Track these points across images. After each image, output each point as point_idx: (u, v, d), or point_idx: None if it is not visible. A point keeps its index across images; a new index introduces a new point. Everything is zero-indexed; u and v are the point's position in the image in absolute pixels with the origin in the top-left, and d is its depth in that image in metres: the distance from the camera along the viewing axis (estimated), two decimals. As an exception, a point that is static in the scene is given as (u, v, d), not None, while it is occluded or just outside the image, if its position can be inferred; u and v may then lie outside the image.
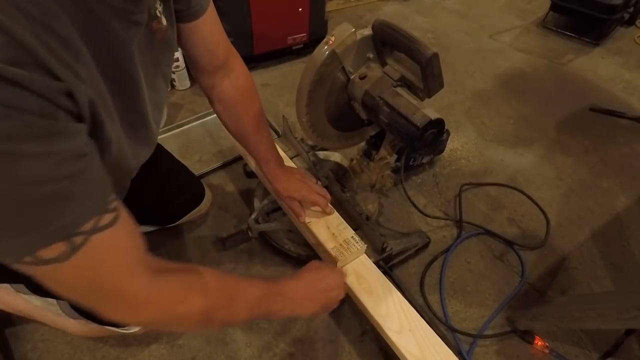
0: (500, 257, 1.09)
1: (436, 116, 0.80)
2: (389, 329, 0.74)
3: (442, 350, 0.72)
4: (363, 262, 0.85)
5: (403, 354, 0.71)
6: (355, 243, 0.84)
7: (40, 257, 0.35)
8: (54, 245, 0.35)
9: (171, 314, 0.47)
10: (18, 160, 0.30)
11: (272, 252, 1.05)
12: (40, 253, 0.35)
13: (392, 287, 0.80)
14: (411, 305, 0.79)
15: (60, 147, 0.33)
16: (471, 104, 1.65)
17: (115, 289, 0.42)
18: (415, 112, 0.80)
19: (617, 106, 1.65)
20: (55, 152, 0.33)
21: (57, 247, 0.35)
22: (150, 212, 0.95)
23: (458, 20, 2.31)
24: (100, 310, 0.43)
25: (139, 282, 0.43)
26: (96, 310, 0.43)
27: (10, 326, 0.88)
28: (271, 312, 0.60)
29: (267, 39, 1.65)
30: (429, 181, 1.30)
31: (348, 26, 0.83)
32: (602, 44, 2.12)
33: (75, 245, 0.36)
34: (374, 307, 0.77)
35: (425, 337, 0.73)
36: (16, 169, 0.31)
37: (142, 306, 0.45)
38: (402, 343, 0.72)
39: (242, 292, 0.55)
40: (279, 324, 0.91)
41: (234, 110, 0.77)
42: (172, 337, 0.88)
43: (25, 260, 0.35)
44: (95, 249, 0.38)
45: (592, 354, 0.91)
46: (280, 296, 0.61)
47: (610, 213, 1.24)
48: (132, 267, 0.43)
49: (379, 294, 0.79)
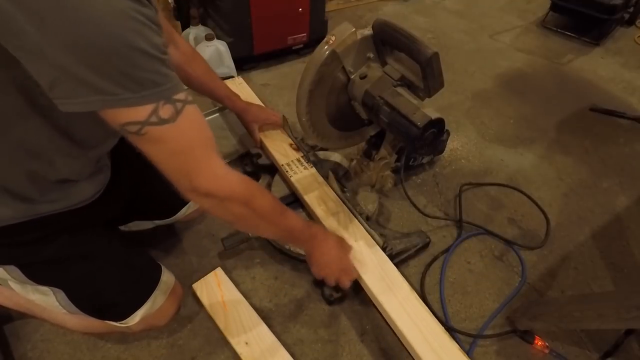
0: (500, 257, 1.09)
1: (437, 115, 0.80)
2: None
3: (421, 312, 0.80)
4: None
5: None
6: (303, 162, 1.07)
7: (160, 117, 0.48)
8: (167, 106, 0.49)
9: (241, 194, 0.61)
10: (149, 30, 0.45)
11: (272, 252, 1.05)
12: (160, 112, 0.48)
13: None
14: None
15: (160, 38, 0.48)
16: (471, 104, 1.65)
17: (203, 156, 0.56)
18: (416, 112, 0.80)
19: (617, 106, 1.65)
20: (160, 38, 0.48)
21: (168, 109, 0.49)
22: (148, 205, 0.96)
23: (458, 20, 2.31)
24: (193, 174, 0.55)
25: (219, 160, 0.58)
26: (189, 174, 0.55)
27: (10, 326, 0.88)
28: (297, 240, 0.81)
29: (267, 39, 1.65)
30: (429, 181, 1.30)
31: (348, 26, 0.83)
32: (602, 44, 2.12)
33: (178, 110, 0.50)
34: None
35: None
36: (149, 35, 0.45)
37: (222, 178, 0.59)
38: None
39: (289, 214, 0.73)
40: (279, 324, 0.91)
41: (188, 69, 0.94)
42: (173, 337, 0.88)
43: (152, 120, 0.48)
44: (189, 118, 0.52)
45: (592, 354, 0.91)
46: (312, 239, 0.79)
47: (610, 213, 1.24)
48: (213, 146, 0.57)
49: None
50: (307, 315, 0.93)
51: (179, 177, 0.56)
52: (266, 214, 0.67)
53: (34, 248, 0.68)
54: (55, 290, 0.73)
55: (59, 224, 0.68)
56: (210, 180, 0.57)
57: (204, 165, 0.56)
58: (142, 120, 0.48)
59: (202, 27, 1.60)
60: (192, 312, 0.92)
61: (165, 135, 0.50)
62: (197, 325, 0.90)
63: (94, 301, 0.77)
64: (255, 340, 0.85)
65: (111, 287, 0.77)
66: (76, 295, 0.75)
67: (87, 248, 0.74)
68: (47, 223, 0.66)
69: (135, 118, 0.47)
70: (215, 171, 0.58)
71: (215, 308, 0.90)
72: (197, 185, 0.56)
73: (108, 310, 0.78)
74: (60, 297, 0.74)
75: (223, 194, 0.59)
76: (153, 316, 0.81)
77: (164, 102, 0.48)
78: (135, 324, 0.79)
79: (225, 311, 0.89)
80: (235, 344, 0.84)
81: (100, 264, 0.75)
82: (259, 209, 0.65)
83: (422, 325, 0.77)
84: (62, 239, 0.70)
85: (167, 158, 0.53)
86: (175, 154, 0.53)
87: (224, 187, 0.59)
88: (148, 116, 0.48)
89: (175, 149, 0.52)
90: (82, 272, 0.74)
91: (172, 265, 0.99)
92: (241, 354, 0.82)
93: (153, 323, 0.84)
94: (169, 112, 0.49)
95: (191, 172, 0.55)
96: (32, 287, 0.73)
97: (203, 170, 0.56)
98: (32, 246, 0.68)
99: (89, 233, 0.75)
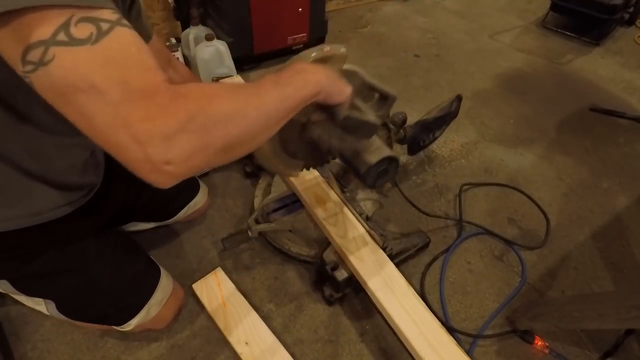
0: (500, 257, 1.09)
1: (378, 158, 0.68)
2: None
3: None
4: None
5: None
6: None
7: (72, 34, 0.35)
8: (84, 24, 0.35)
9: (204, 108, 0.39)
10: None
11: (272, 252, 1.05)
12: (73, 30, 0.35)
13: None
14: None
15: None
16: (471, 104, 1.65)
17: (143, 84, 0.37)
18: (358, 156, 0.70)
19: (617, 106, 1.65)
20: None
21: (85, 27, 0.35)
22: (148, 207, 0.95)
23: (458, 20, 2.31)
24: (132, 119, 0.36)
25: (164, 81, 0.39)
26: (127, 121, 0.36)
27: (10, 326, 0.88)
28: (297, 86, 0.49)
29: (267, 39, 1.65)
30: (429, 181, 1.30)
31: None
32: (602, 44, 2.12)
33: (102, 30, 0.36)
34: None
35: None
36: None
37: (173, 102, 0.37)
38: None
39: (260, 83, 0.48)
40: (279, 324, 0.91)
41: None
42: (173, 337, 0.88)
43: (59, 38, 0.34)
44: (121, 41, 0.37)
45: (592, 354, 0.91)
46: (304, 71, 0.52)
47: (610, 213, 1.24)
48: (156, 68, 0.39)
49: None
50: (307, 315, 0.93)
51: (118, 140, 0.36)
52: (241, 101, 0.43)
53: (20, 263, 0.66)
54: (47, 301, 0.73)
55: (47, 237, 0.66)
56: (166, 111, 0.37)
57: (148, 95, 0.37)
58: (45, 39, 0.34)
59: (202, 27, 1.60)
60: (192, 312, 0.92)
61: (79, 63, 0.35)
62: (197, 325, 0.90)
63: (86, 312, 0.77)
64: (255, 340, 0.85)
65: (101, 300, 0.76)
66: (67, 307, 0.75)
67: (76, 261, 0.72)
68: (33, 236, 0.63)
69: (37, 36, 0.34)
70: (165, 96, 0.37)
71: (215, 308, 0.90)
72: (151, 130, 0.36)
73: (101, 320, 0.78)
74: (51, 308, 0.74)
75: (189, 114, 0.38)
76: (150, 323, 0.82)
77: (79, 16, 0.35)
78: (131, 329, 0.79)
79: (225, 311, 0.89)
80: (235, 344, 0.84)
81: (90, 277, 0.73)
82: (242, 97, 0.43)
83: (421, 323, 0.77)
84: (49, 253, 0.68)
85: (91, 107, 0.36)
86: (101, 97, 0.35)
87: (184, 107, 0.38)
88: (54, 31, 0.34)
89: (101, 87, 0.35)
90: (71, 285, 0.72)
91: (172, 265, 0.99)
92: (241, 354, 0.82)
93: (151, 328, 0.84)
94: (86, 31, 0.35)
95: (132, 126, 0.36)
96: (24, 296, 0.73)
97: (151, 103, 0.37)
98: (18, 261, 0.66)
99: (78, 244, 0.72)
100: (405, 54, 1.96)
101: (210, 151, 0.40)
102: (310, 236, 1.01)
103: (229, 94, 0.42)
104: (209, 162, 0.41)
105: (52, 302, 0.74)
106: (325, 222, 0.94)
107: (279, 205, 1.05)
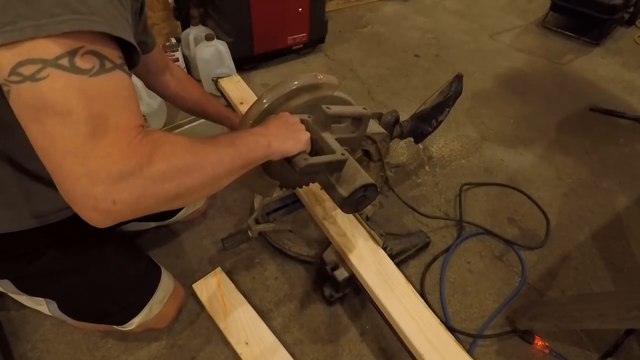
0: (500, 257, 1.09)
1: (350, 191, 0.67)
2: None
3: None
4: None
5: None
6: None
7: (75, 63, 0.37)
8: (90, 57, 0.37)
9: (168, 156, 0.42)
10: None
11: (272, 252, 1.05)
12: (77, 59, 0.37)
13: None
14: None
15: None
16: (471, 104, 1.65)
17: (120, 123, 0.39)
18: (332, 189, 0.69)
19: (617, 106, 1.65)
20: None
21: (91, 60, 0.37)
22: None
23: (458, 20, 2.31)
24: (94, 153, 0.37)
25: (140, 126, 0.41)
26: (89, 154, 0.37)
27: (10, 326, 0.88)
28: (249, 147, 0.54)
29: (267, 39, 1.65)
30: (429, 181, 1.30)
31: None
32: (602, 44, 2.12)
33: (105, 68, 0.39)
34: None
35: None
36: None
37: (140, 145, 0.40)
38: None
39: (217, 142, 0.52)
40: (279, 324, 0.91)
41: (185, 94, 0.91)
42: (173, 337, 0.88)
43: (61, 63, 0.36)
44: (117, 82, 0.40)
45: (592, 354, 0.91)
46: (256, 134, 0.58)
47: (610, 213, 1.24)
48: (138, 114, 0.42)
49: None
50: (307, 315, 0.93)
51: (70, 169, 0.37)
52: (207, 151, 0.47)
53: (22, 263, 0.66)
54: (48, 300, 0.73)
55: (50, 237, 0.66)
56: (130, 151, 0.39)
57: (120, 134, 0.39)
58: (47, 59, 0.35)
59: (202, 27, 1.60)
60: (192, 312, 0.92)
61: (69, 89, 0.36)
62: (197, 325, 0.90)
63: (87, 311, 0.77)
64: (255, 340, 0.85)
65: (104, 298, 0.76)
66: (68, 307, 0.75)
67: (78, 260, 0.72)
68: (36, 236, 0.63)
69: (41, 54, 0.35)
70: (134, 140, 0.40)
71: (215, 308, 0.90)
72: (99, 191, 0.37)
73: (103, 319, 0.78)
74: (52, 308, 0.74)
75: (146, 161, 0.40)
76: (152, 321, 0.82)
77: (89, 48, 0.37)
78: (133, 328, 0.79)
79: (225, 311, 0.89)
80: (235, 344, 0.84)
81: (92, 276, 0.73)
82: (199, 155, 0.46)
83: (421, 321, 0.77)
84: (52, 252, 0.68)
85: (59, 131, 0.37)
86: (74, 125, 0.36)
87: (144, 154, 0.40)
88: (59, 55, 0.36)
89: (78, 116, 0.36)
90: (72, 285, 0.72)
91: (172, 265, 0.99)
92: (241, 354, 0.82)
93: (153, 327, 0.84)
94: (89, 64, 0.37)
95: (91, 161, 0.37)
96: (26, 296, 0.73)
97: (120, 140, 0.39)
98: (21, 261, 0.66)
99: (80, 244, 0.72)
100: (405, 54, 1.96)
101: (160, 198, 0.42)
102: (310, 236, 1.01)
103: (192, 146, 0.46)
104: (156, 208, 0.43)
105: (53, 301, 0.74)
106: (325, 221, 0.94)
107: (279, 205, 1.05)
